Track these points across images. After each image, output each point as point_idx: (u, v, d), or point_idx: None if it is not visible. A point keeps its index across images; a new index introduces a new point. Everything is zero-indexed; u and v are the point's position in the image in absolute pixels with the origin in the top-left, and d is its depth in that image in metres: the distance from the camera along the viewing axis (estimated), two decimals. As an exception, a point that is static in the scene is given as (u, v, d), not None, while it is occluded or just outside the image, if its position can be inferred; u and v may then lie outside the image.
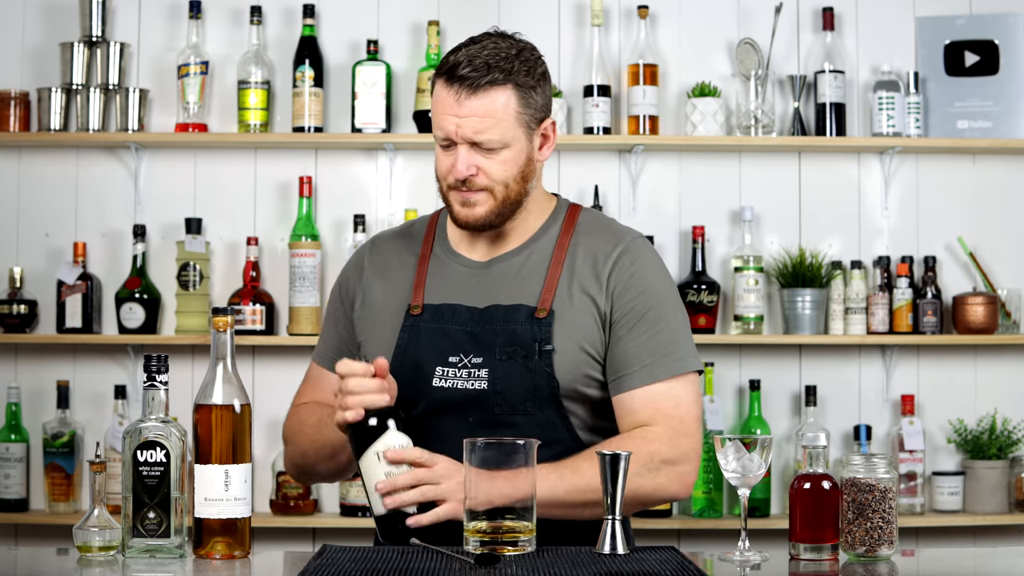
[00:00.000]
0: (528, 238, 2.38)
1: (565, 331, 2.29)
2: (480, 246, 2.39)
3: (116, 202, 4.00)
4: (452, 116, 2.25)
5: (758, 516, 3.89)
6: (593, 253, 2.35)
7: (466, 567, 1.92)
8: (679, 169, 4.06)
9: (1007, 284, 4.04)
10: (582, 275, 2.33)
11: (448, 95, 2.25)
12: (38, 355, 3.98)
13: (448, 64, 2.27)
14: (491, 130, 2.25)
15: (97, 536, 2.03)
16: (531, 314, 2.29)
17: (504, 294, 2.33)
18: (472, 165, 2.26)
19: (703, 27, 4.07)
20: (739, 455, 2.03)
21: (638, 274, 2.33)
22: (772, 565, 2.04)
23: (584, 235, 2.37)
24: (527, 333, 2.28)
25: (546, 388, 2.27)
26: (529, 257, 2.36)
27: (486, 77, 2.24)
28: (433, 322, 2.32)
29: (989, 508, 3.94)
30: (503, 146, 2.27)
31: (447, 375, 2.29)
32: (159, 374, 2.05)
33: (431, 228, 2.45)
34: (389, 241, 2.47)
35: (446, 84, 2.26)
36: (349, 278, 2.46)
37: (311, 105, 3.92)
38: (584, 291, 2.32)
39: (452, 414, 2.28)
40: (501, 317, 2.30)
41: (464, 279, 2.36)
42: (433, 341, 2.30)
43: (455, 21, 4.04)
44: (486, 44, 2.29)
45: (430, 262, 2.39)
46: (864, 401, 4.06)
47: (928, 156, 4.08)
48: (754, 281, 3.95)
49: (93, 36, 3.95)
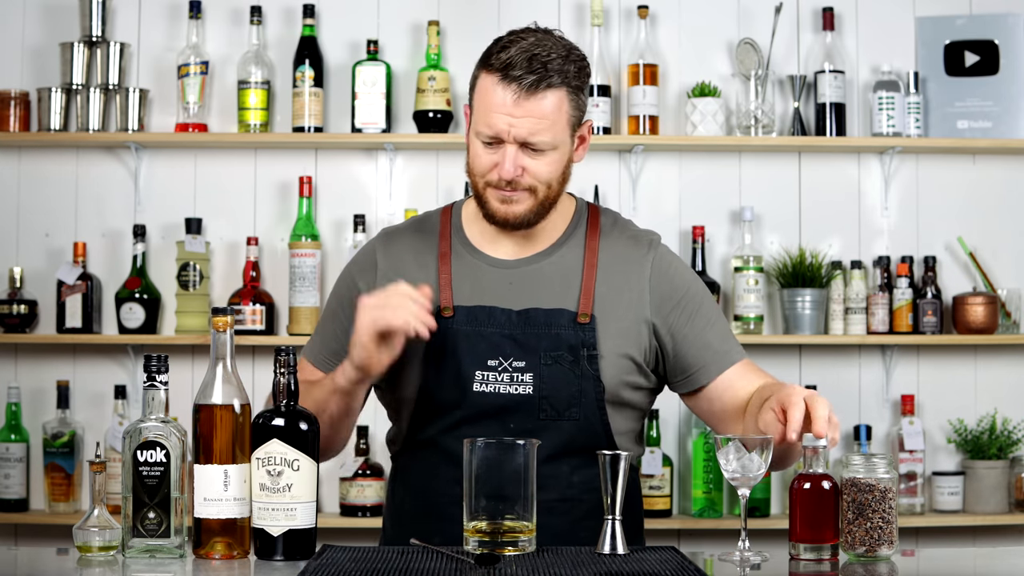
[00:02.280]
0: (556, 239, 2.35)
1: (609, 337, 2.29)
2: (506, 245, 2.35)
3: (116, 202, 4.00)
4: (506, 115, 2.21)
5: (758, 516, 3.89)
6: (626, 257, 2.34)
7: (466, 567, 1.92)
8: (679, 169, 4.06)
9: (1007, 284, 4.04)
10: (619, 280, 2.32)
11: (503, 93, 2.21)
12: (38, 355, 3.98)
13: (502, 61, 2.21)
14: (545, 132, 2.22)
15: (97, 536, 2.03)
16: (573, 319, 2.27)
17: (541, 297, 2.30)
18: (519, 166, 2.23)
19: (703, 27, 4.07)
20: (739, 455, 2.03)
21: (677, 275, 2.37)
22: (772, 565, 2.03)
23: (610, 238, 2.37)
24: (572, 338, 2.26)
25: (592, 393, 2.27)
26: (562, 259, 2.34)
27: (546, 79, 2.21)
28: (468, 325, 2.27)
29: (989, 508, 3.94)
30: (552, 148, 2.24)
31: (487, 379, 2.25)
32: (159, 374, 2.04)
33: (446, 223, 2.39)
34: (403, 238, 2.39)
35: (501, 82, 2.21)
36: (358, 276, 2.38)
37: (311, 105, 3.92)
38: (624, 295, 2.31)
39: (493, 419, 2.24)
40: (542, 320, 2.27)
41: (494, 280, 2.32)
42: (471, 345, 2.25)
43: (455, 21, 4.04)
44: (539, 40, 2.24)
45: (452, 261, 2.34)
46: (864, 401, 4.06)
47: (928, 156, 4.08)
48: (754, 281, 3.95)
49: (93, 36, 3.95)
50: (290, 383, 2.03)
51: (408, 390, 2.30)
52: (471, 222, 2.38)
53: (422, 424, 2.31)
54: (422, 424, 2.31)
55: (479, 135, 2.25)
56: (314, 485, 2.02)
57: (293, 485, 2.00)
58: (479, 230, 2.36)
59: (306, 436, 2.02)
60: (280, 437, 2.00)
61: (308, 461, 2.01)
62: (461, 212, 2.40)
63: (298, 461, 2.00)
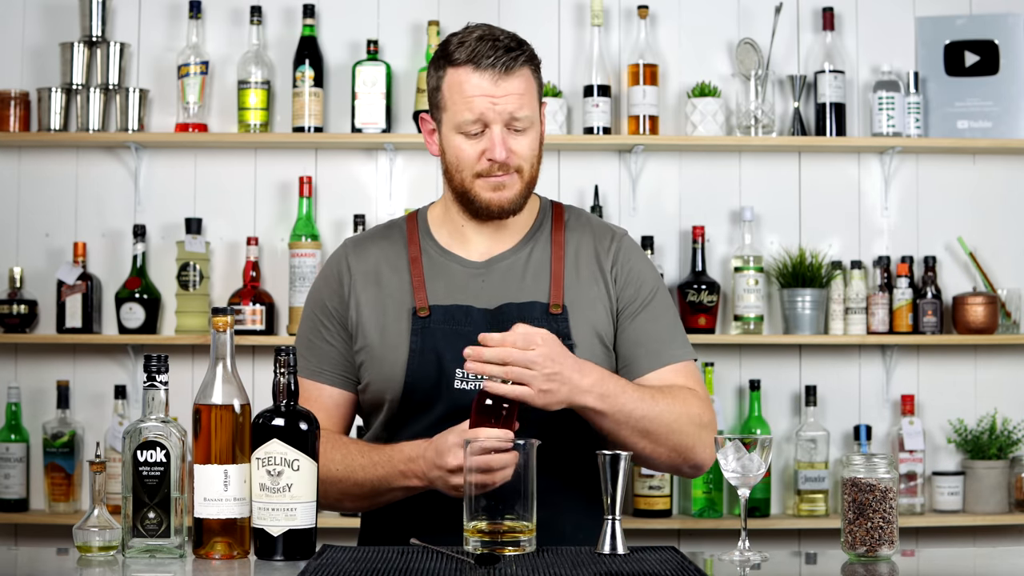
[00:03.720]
0: (523, 236, 2.39)
1: (581, 325, 2.32)
2: (476, 245, 2.38)
3: (116, 202, 4.00)
4: (487, 98, 2.26)
5: (758, 516, 3.89)
6: (592, 248, 2.38)
7: (466, 567, 1.92)
8: (679, 169, 4.06)
9: (1007, 284, 4.04)
10: (585, 269, 2.36)
11: (479, 80, 2.27)
12: (38, 355, 3.98)
13: (467, 53, 2.29)
14: (525, 107, 2.29)
15: (97, 536, 2.03)
16: (546, 310, 2.31)
17: (513, 292, 2.33)
18: (507, 147, 2.28)
19: (703, 27, 4.07)
20: (739, 455, 2.03)
21: (636, 267, 2.39)
22: (772, 565, 2.03)
23: (576, 231, 2.41)
24: (547, 329, 2.26)
25: None
26: (530, 254, 2.37)
27: (515, 58, 2.28)
28: (445, 324, 2.29)
29: (989, 508, 3.94)
30: (531, 124, 2.31)
31: (467, 376, 2.27)
32: (159, 374, 2.04)
33: (413, 229, 2.42)
34: (372, 245, 2.42)
35: (475, 71, 2.27)
36: (332, 289, 2.39)
37: (311, 105, 3.92)
38: (591, 284, 2.35)
39: None
40: (515, 315, 2.28)
41: (466, 279, 2.35)
42: (449, 343, 2.28)
43: (455, 21, 4.02)
44: (488, 29, 2.33)
45: (423, 263, 2.37)
46: (864, 401, 4.06)
47: (928, 156, 4.08)
48: (754, 281, 3.95)
49: (93, 36, 3.95)
50: (290, 383, 2.03)
51: (389, 391, 2.32)
52: (439, 225, 2.41)
53: (401, 423, 2.33)
54: (401, 423, 2.33)
55: (461, 126, 2.29)
56: (314, 485, 2.02)
57: (293, 485, 2.00)
58: (448, 232, 2.39)
59: (306, 436, 2.02)
60: (280, 437, 2.00)
61: (308, 461, 2.01)
62: (427, 217, 2.44)
63: (298, 461, 2.00)
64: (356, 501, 2.31)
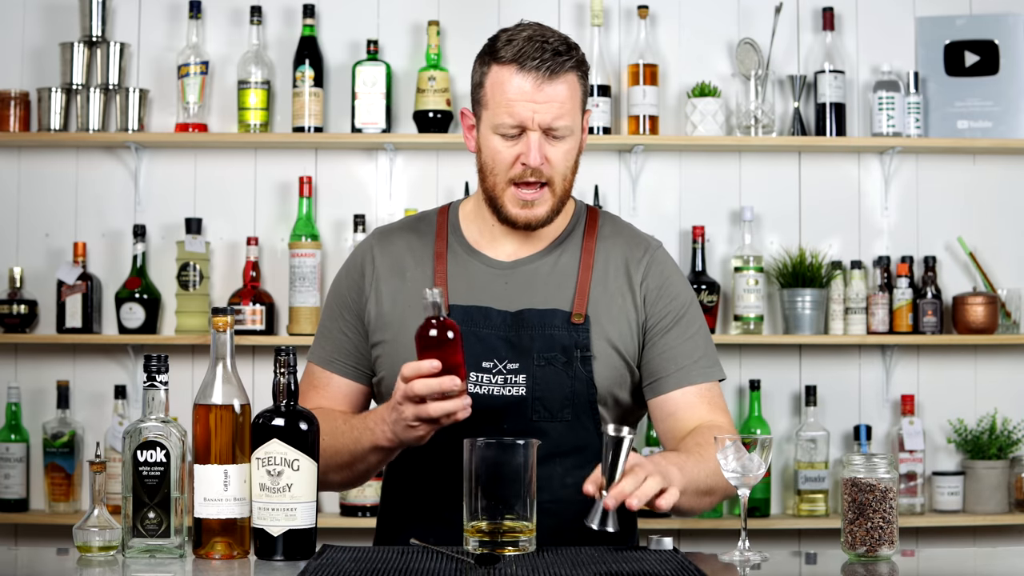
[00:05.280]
0: (554, 240, 2.35)
1: (602, 337, 2.28)
2: (504, 246, 2.34)
3: (116, 202, 4.00)
4: (529, 103, 2.21)
5: (758, 516, 3.89)
6: (623, 259, 2.34)
7: (466, 567, 1.92)
8: (679, 169, 4.06)
9: (1007, 284, 4.04)
10: (614, 281, 2.32)
11: (522, 82, 2.22)
12: (38, 355, 3.98)
13: (513, 52, 2.23)
14: (566, 116, 2.24)
15: (97, 536, 2.03)
16: (567, 319, 2.27)
17: (535, 297, 2.29)
18: (543, 154, 2.24)
19: (703, 27, 4.07)
20: (739, 455, 2.03)
21: (668, 281, 2.34)
22: (772, 565, 2.03)
23: (608, 239, 2.36)
24: (565, 339, 2.26)
25: (584, 394, 2.26)
26: (558, 260, 2.33)
27: (561, 63, 2.22)
28: (464, 325, 2.24)
29: (989, 508, 3.94)
30: (570, 133, 2.26)
31: (481, 381, 2.25)
32: (159, 374, 2.04)
33: (443, 223, 2.38)
34: (399, 237, 2.38)
35: (519, 71, 2.22)
36: (355, 277, 2.37)
37: (311, 105, 3.92)
38: (618, 297, 2.31)
39: (486, 421, 2.22)
40: (536, 321, 2.26)
41: (490, 280, 2.32)
42: (467, 345, 2.22)
43: (455, 21, 4.04)
44: (540, 29, 2.27)
45: (448, 260, 2.33)
46: (864, 401, 4.06)
47: (928, 156, 4.08)
48: (754, 281, 3.95)
49: (93, 36, 3.95)
50: (290, 383, 2.03)
51: None
52: (469, 222, 2.37)
53: None
54: None
55: (498, 128, 2.24)
56: (314, 485, 2.01)
57: (293, 485, 2.00)
58: (477, 229, 2.36)
59: (306, 436, 2.02)
60: (280, 437, 2.00)
61: (308, 461, 2.01)
62: (459, 212, 2.40)
63: (298, 461, 2.00)
64: (338, 472, 2.28)
